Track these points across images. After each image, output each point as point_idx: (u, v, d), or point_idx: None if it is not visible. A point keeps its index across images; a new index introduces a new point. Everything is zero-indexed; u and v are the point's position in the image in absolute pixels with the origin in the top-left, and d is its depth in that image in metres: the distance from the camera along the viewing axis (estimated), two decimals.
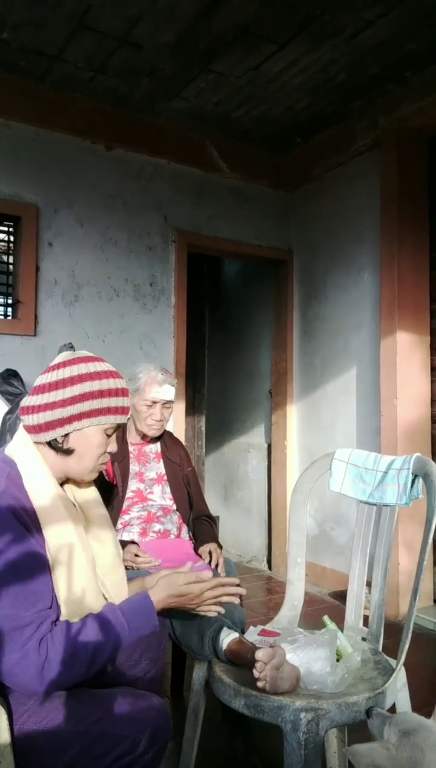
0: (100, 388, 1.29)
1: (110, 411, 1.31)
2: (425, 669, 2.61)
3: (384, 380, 3.36)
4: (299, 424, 4.14)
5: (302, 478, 1.96)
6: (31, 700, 1.21)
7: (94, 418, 1.29)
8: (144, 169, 3.66)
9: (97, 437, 1.31)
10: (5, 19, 2.72)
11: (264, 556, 4.46)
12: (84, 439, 1.30)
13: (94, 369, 1.31)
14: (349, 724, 1.45)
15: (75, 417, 1.28)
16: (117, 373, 1.34)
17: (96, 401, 1.29)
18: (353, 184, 3.71)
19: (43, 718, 1.18)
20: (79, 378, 1.29)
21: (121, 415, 1.33)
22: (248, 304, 4.86)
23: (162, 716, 1.24)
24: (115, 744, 1.16)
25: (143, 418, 2.22)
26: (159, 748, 1.22)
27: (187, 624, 1.68)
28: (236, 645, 1.55)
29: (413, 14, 2.68)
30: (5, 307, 3.35)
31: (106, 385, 1.30)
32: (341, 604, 2.77)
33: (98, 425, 1.30)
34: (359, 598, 1.80)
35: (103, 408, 1.30)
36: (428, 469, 1.63)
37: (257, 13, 2.65)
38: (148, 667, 1.49)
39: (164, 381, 2.21)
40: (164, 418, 2.24)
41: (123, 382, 1.34)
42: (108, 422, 1.31)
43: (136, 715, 1.21)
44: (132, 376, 2.25)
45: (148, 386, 2.19)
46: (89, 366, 1.31)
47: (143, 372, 2.23)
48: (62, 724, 1.17)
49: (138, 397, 2.21)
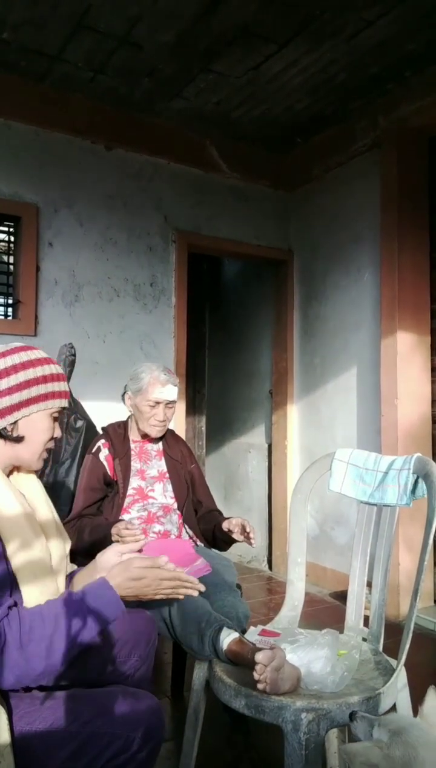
0: (43, 373, 1.35)
1: (54, 395, 1.36)
2: (426, 669, 2.61)
3: (385, 380, 3.36)
4: (299, 424, 4.14)
5: (302, 478, 1.96)
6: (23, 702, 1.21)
7: (41, 403, 1.34)
8: (144, 169, 3.66)
9: (45, 422, 1.36)
10: (5, 19, 2.72)
11: (264, 557, 4.46)
12: (32, 424, 1.34)
13: (35, 356, 1.36)
14: (349, 725, 1.45)
15: (23, 403, 1.32)
16: (53, 360, 1.40)
17: (41, 386, 1.34)
18: (353, 184, 3.71)
19: (35, 719, 1.18)
20: (22, 365, 1.33)
21: (64, 399, 1.39)
22: (248, 304, 4.86)
23: (155, 714, 1.23)
24: (109, 743, 1.16)
25: (146, 418, 2.20)
26: (153, 746, 1.21)
27: (187, 624, 1.68)
28: (236, 645, 1.55)
29: (413, 14, 2.68)
30: (5, 307, 3.35)
31: (48, 370, 1.36)
32: (342, 605, 2.78)
33: (45, 410, 1.35)
34: (360, 599, 1.80)
35: (49, 393, 1.35)
36: (428, 470, 1.63)
37: (257, 13, 2.65)
38: (139, 663, 1.50)
39: (167, 381, 2.19)
40: (167, 418, 2.23)
41: (59, 368, 1.40)
42: (54, 406, 1.37)
43: (129, 714, 1.20)
44: (134, 375, 2.23)
45: (151, 386, 2.17)
46: (29, 354, 1.36)
47: (146, 372, 2.21)
48: (55, 725, 1.17)
49: (141, 397, 2.19)
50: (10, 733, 1.15)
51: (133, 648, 1.49)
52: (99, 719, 1.18)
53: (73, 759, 1.15)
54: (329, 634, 1.59)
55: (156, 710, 1.24)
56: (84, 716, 1.19)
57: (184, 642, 1.70)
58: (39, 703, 1.21)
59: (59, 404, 1.38)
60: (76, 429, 2.46)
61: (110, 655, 1.46)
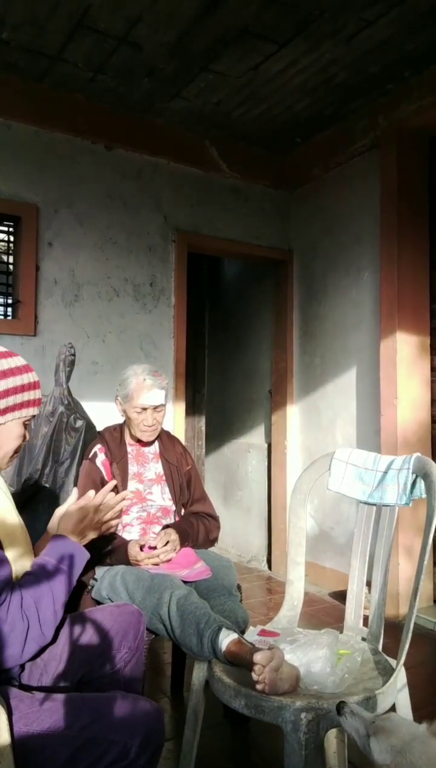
0: (21, 383, 1.37)
1: (30, 404, 1.39)
2: (425, 669, 2.61)
3: (384, 380, 3.36)
4: (299, 424, 4.14)
5: (301, 478, 1.96)
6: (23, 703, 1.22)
7: (17, 412, 1.36)
8: (144, 169, 3.66)
9: (18, 429, 1.39)
10: (5, 19, 2.72)
11: (264, 556, 4.47)
12: (6, 432, 1.36)
13: (15, 364, 1.38)
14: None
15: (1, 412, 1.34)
16: (30, 367, 1.42)
17: (18, 396, 1.36)
18: (353, 184, 3.71)
19: (33, 720, 1.18)
20: (3, 374, 1.34)
21: (38, 406, 1.42)
22: (248, 304, 4.86)
23: (154, 720, 1.23)
24: (106, 750, 1.17)
25: (136, 424, 2.19)
26: (153, 751, 1.22)
27: (186, 625, 1.68)
28: (235, 646, 1.55)
29: (413, 14, 2.68)
30: (5, 307, 3.35)
31: (26, 379, 1.38)
32: (341, 604, 2.78)
33: (20, 418, 1.38)
34: (359, 598, 1.80)
35: (25, 401, 1.38)
36: (428, 469, 1.63)
37: (257, 13, 2.65)
38: (128, 656, 1.51)
39: (153, 385, 2.16)
40: (157, 422, 2.21)
41: (36, 376, 1.42)
42: (28, 414, 1.39)
43: (127, 720, 1.20)
44: (121, 381, 2.22)
45: (137, 393, 2.15)
46: (9, 362, 1.37)
47: (131, 377, 2.19)
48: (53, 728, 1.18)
49: (128, 404, 2.18)
50: (10, 734, 1.15)
51: (123, 640, 1.51)
52: (97, 724, 1.18)
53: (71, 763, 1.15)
54: (328, 633, 1.59)
55: (154, 715, 1.24)
56: (82, 720, 1.19)
57: (183, 643, 1.70)
58: (38, 704, 1.21)
59: (33, 412, 1.41)
60: (76, 429, 2.46)
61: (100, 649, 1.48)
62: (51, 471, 2.41)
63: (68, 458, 2.43)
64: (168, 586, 1.81)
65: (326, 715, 1.32)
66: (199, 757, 1.68)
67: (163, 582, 1.84)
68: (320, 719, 1.32)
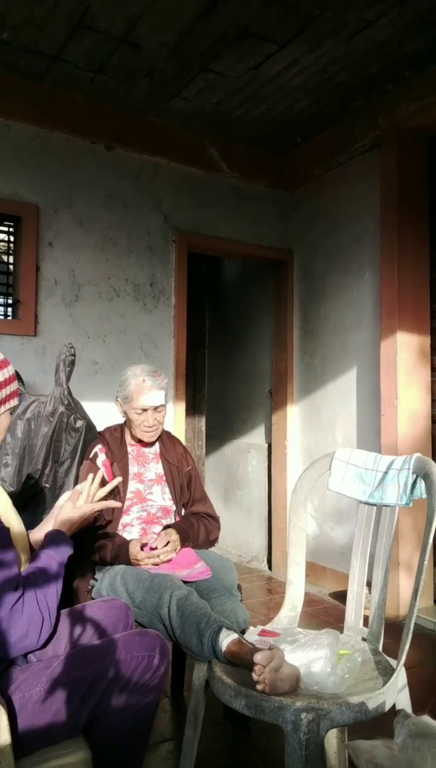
0: (6, 376, 1.43)
1: (14, 395, 1.46)
2: (425, 669, 2.61)
3: (384, 380, 3.36)
4: (299, 424, 4.14)
5: (302, 478, 1.96)
6: (36, 665, 1.37)
7: (5, 405, 1.43)
8: (144, 169, 3.66)
9: (6, 421, 1.46)
10: (5, 19, 2.72)
11: (264, 556, 4.46)
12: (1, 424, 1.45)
13: None
14: (349, 725, 1.45)
15: None
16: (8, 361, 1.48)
17: (6, 389, 1.42)
18: (353, 184, 3.71)
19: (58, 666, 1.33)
20: None
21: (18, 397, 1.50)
22: (248, 304, 4.86)
23: (160, 639, 1.43)
24: (137, 665, 1.35)
25: (136, 425, 2.19)
26: (168, 661, 1.42)
27: (186, 625, 1.68)
28: (235, 646, 1.55)
29: (413, 14, 2.68)
30: (5, 307, 3.35)
31: (7, 372, 1.44)
32: (341, 604, 2.78)
33: (7, 410, 1.45)
34: (359, 598, 1.80)
35: (10, 394, 1.45)
36: (428, 470, 1.63)
37: (257, 13, 2.65)
38: None
39: (152, 386, 2.16)
40: (158, 422, 2.21)
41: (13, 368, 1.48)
42: (12, 405, 1.46)
43: (144, 641, 1.39)
44: (121, 382, 2.22)
45: (136, 394, 2.15)
46: None
47: (131, 378, 2.19)
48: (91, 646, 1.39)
49: (128, 405, 2.18)
50: (11, 734, 1.16)
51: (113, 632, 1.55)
52: (122, 652, 1.36)
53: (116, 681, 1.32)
54: (328, 634, 1.59)
55: (160, 636, 1.43)
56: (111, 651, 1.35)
57: (183, 643, 1.70)
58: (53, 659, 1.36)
59: (16, 402, 1.49)
60: (75, 429, 2.46)
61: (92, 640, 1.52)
62: (51, 471, 2.40)
63: (68, 458, 2.42)
64: (168, 586, 1.81)
65: (326, 715, 1.32)
66: (199, 757, 1.68)
67: (164, 582, 1.84)
68: (320, 719, 1.32)
